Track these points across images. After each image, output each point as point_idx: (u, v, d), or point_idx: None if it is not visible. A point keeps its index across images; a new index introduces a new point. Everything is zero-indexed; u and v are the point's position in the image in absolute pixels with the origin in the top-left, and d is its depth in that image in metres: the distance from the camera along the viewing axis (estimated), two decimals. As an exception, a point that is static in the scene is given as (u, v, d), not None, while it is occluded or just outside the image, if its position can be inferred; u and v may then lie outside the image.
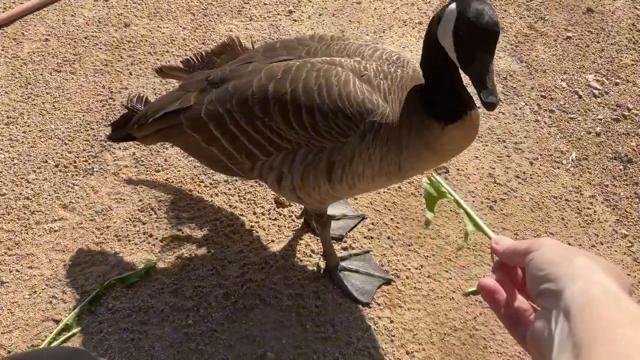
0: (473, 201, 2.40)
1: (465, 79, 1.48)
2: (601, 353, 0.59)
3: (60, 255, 2.20)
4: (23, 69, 2.97)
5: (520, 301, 0.83)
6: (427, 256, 2.19)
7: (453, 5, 1.41)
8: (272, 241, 2.25)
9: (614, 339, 0.59)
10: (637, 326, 0.61)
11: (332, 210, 2.27)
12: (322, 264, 2.14)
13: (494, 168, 2.55)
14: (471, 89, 1.58)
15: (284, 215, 2.34)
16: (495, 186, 2.47)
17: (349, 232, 2.26)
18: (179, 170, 2.51)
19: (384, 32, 3.26)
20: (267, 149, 1.70)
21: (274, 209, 2.35)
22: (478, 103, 1.52)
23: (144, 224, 2.31)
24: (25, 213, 2.33)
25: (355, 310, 2.04)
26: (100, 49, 3.09)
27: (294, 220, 2.31)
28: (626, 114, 2.84)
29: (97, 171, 2.50)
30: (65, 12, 3.31)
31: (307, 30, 3.26)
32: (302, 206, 2.33)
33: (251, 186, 2.44)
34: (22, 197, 2.39)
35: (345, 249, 2.22)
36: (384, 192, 2.41)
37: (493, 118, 2.78)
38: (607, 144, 2.71)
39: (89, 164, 2.53)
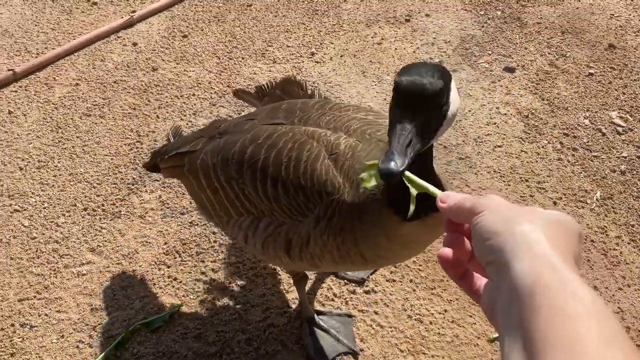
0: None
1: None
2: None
3: (88, 299, 2.23)
4: (54, 114, 3.06)
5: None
6: (451, 300, 2.16)
7: None
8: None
9: (574, 344, 0.55)
10: (593, 319, 0.57)
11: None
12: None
13: (517, 209, 2.51)
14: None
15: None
16: (518, 227, 2.44)
17: (370, 275, 2.24)
18: (204, 213, 2.53)
19: (404, 72, 3.28)
20: (239, 209, 1.70)
21: (297, 252, 2.36)
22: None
23: (168, 267, 2.33)
24: (54, 257, 2.38)
25: (378, 356, 2.02)
26: (129, 92, 3.18)
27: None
28: (651, 151, 2.80)
29: (124, 214, 2.54)
30: (95, 57, 3.42)
31: (329, 72, 3.30)
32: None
33: (274, 228, 2.45)
34: (52, 240, 2.44)
35: (367, 292, 2.20)
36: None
37: (515, 157, 2.77)
38: (633, 182, 2.66)
39: (117, 207, 2.57)
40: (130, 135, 2.93)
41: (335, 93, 3.15)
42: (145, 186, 2.66)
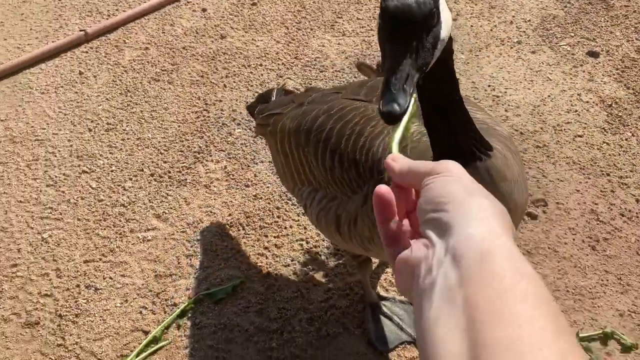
0: (573, 239, 2.23)
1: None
2: (501, 344, 0.50)
3: (152, 265, 2.23)
4: (123, 77, 3.05)
5: (404, 223, 0.72)
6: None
7: None
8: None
9: (518, 331, 0.50)
10: (540, 316, 0.51)
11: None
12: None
13: (596, 204, 2.37)
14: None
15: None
16: (597, 224, 2.30)
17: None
18: (268, 187, 2.49)
19: (480, 51, 3.12)
20: (302, 178, 1.71)
21: (362, 233, 2.29)
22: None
23: (232, 239, 2.30)
24: (120, 220, 2.38)
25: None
26: (197, 60, 3.14)
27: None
28: None
29: (189, 183, 2.52)
30: (164, 21, 3.39)
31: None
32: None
33: (339, 207, 2.38)
34: (119, 204, 2.45)
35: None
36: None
37: (596, 148, 2.59)
38: None
39: (183, 175, 2.56)
40: (197, 103, 2.89)
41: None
42: (211, 155, 2.63)
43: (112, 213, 2.41)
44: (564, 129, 2.68)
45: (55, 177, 2.55)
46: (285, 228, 2.32)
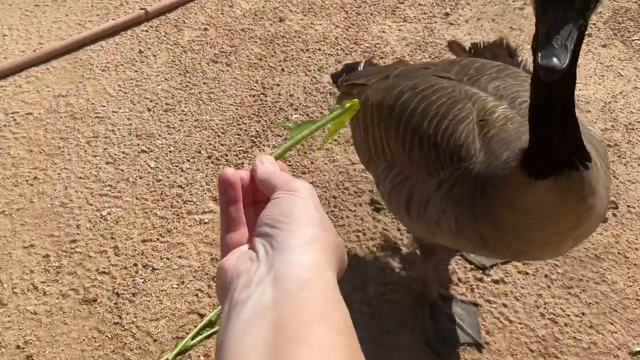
0: (645, 246, 2.11)
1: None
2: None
3: (208, 248, 2.21)
4: (182, 57, 3.03)
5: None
6: (590, 303, 1.96)
7: None
8: (416, 262, 2.12)
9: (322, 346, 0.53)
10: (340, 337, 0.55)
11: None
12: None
13: (670, 209, 2.23)
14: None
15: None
16: (671, 231, 2.17)
17: (494, 266, 2.07)
18: (324, 175, 2.44)
19: (547, 43, 2.97)
20: (379, 153, 1.67)
21: (421, 228, 2.22)
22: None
23: (288, 226, 2.26)
24: (178, 201, 2.37)
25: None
26: (255, 42, 3.09)
27: (441, 243, 2.16)
28: None
29: (246, 167, 2.49)
30: (224, 2, 3.34)
31: (464, 36, 3.05)
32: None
33: (397, 199, 2.32)
34: (176, 185, 2.44)
35: (496, 282, 2.03)
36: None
37: (671, 150, 2.45)
38: None
39: (239, 158, 2.52)
40: (255, 86, 2.85)
41: (469, 60, 2.91)
42: (267, 140, 2.59)
43: (169, 194, 2.40)
44: (637, 128, 2.53)
45: (115, 155, 2.56)
46: (342, 218, 2.27)
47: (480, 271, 2.05)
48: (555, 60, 0.86)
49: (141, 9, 3.25)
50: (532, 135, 1.15)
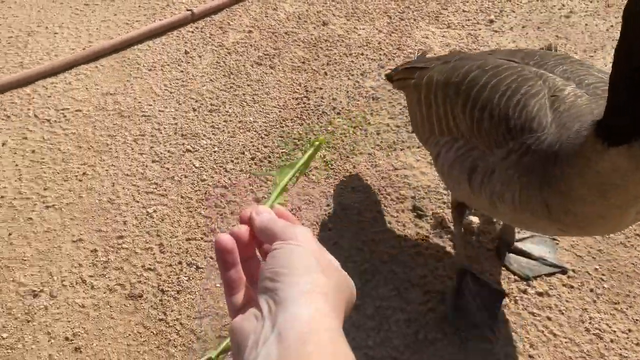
0: (694, 263, 2.05)
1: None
2: None
3: (250, 249, 2.22)
4: (227, 59, 3.06)
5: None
6: (637, 320, 1.91)
7: None
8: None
9: None
10: None
11: (532, 247, 2.07)
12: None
13: None
14: None
15: (471, 245, 2.18)
16: None
17: (538, 277, 2.03)
18: (367, 180, 2.43)
19: (594, 52, 2.92)
20: (442, 127, 1.70)
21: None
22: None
23: (329, 230, 2.27)
24: (221, 202, 2.39)
25: (545, 364, 1.84)
26: (299, 45, 3.10)
27: (488, 250, 2.14)
28: None
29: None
30: (268, 5, 3.36)
31: (509, 43, 3.01)
32: (496, 238, 2.15)
33: (439, 207, 2.30)
34: (220, 185, 2.46)
35: (540, 294, 2.00)
36: (589, 237, 2.15)
37: None
38: None
39: (282, 160, 2.54)
40: (298, 89, 2.86)
41: (514, 68, 2.87)
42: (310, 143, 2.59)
43: (214, 193, 2.43)
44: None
45: (161, 153, 2.59)
46: (383, 224, 2.26)
47: (524, 282, 2.02)
48: None
49: (187, 10, 3.29)
50: (609, 102, 1.14)
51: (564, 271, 2.03)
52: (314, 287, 0.62)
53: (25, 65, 3.08)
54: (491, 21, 3.14)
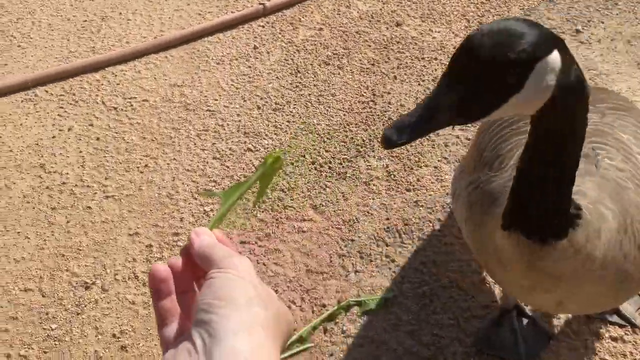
0: None
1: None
2: None
3: (304, 258, 2.13)
4: (295, 56, 2.95)
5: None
6: None
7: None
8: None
9: None
10: None
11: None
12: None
13: None
14: None
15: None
16: None
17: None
18: (430, 195, 2.27)
19: (692, 73, 2.63)
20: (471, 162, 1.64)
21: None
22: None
23: (387, 245, 2.13)
24: (278, 205, 2.30)
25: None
26: (369, 46, 2.95)
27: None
28: None
29: (349, 177, 2.38)
30: (341, 2, 3.23)
31: (596, 57, 2.76)
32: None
33: (507, 231, 2.12)
34: (278, 188, 2.37)
35: (614, 339, 1.80)
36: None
37: None
38: None
39: (343, 167, 2.42)
40: (365, 92, 2.72)
41: (600, 84, 2.63)
42: (373, 151, 2.46)
43: (271, 197, 2.34)
44: None
45: (222, 150, 2.53)
46: (446, 245, 2.11)
47: (601, 324, 1.82)
48: (395, 135, 0.81)
49: (260, 3, 3.21)
50: (512, 203, 1.07)
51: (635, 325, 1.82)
52: (253, 322, 0.59)
53: (97, 50, 3.08)
54: (577, 31, 2.89)
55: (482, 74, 0.83)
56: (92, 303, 2.01)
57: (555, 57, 0.86)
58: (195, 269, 0.71)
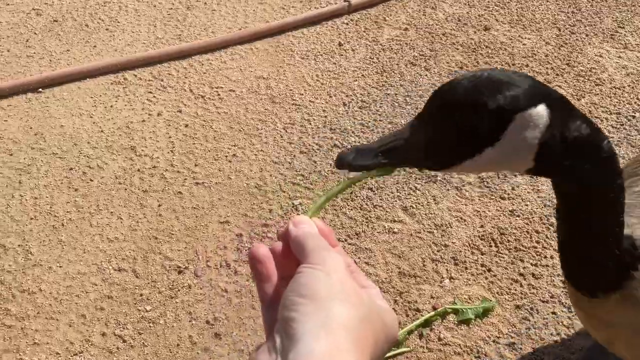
0: None
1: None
2: None
3: (396, 260, 2.05)
4: (380, 55, 2.87)
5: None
6: None
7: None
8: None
9: None
10: None
11: None
12: None
13: None
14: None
15: None
16: None
17: None
18: (527, 205, 2.17)
19: None
20: None
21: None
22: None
23: (482, 254, 2.04)
24: (367, 204, 2.23)
25: None
26: (457, 49, 2.86)
27: None
28: None
29: (440, 180, 2.29)
30: (426, 3, 3.14)
31: (697, 74, 2.61)
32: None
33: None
34: (366, 187, 2.29)
35: None
36: None
37: None
38: None
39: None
40: (455, 95, 2.63)
41: (703, 102, 2.48)
42: (464, 155, 2.36)
43: (360, 195, 2.26)
44: None
45: (309, 145, 2.46)
46: (545, 257, 2.00)
47: None
48: (350, 157, 0.75)
49: (345, 1, 3.14)
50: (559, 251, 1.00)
51: None
52: (332, 319, 0.55)
53: (183, 38, 3.06)
54: (677, 46, 2.75)
55: (452, 117, 0.76)
56: (185, 288, 1.97)
57: (539, 111, 0.75)
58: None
